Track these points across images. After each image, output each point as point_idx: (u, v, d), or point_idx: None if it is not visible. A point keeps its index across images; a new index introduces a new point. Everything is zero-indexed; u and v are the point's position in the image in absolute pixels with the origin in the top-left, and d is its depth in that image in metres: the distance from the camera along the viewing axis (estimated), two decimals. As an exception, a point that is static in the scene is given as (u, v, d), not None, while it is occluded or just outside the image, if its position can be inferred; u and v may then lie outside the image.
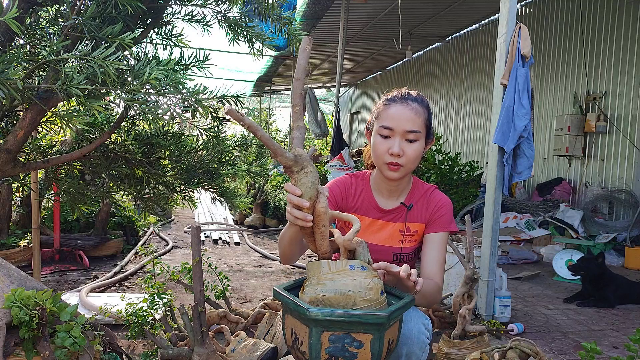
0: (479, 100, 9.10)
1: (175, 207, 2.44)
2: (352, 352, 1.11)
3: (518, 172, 2.92)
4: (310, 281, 1.17)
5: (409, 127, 1.46)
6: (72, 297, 3.05)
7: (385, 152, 1.47)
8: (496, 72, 2.96)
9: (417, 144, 1.48)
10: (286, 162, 1.09)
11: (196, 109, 1.56)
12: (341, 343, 1.10)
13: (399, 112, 1.47)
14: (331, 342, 1.10)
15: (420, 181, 1.68)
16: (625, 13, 6.00)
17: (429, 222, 1.59)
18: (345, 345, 1.10)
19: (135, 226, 5.34)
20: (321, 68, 12.60)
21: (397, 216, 1.60)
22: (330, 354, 1.11)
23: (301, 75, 1.13)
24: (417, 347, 1.39)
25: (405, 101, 1.49)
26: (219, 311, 2.53)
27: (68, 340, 1.30)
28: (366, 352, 1.11)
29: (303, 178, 1.11)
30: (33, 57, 1.46)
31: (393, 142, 1.46)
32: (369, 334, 1.10)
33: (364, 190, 1.63)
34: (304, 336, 1.13)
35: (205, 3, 1.80)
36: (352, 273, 1.15)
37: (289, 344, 1.22)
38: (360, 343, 1.11)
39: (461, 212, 6.18)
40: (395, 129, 1.46)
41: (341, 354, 1.11)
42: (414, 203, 1.59)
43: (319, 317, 1.07)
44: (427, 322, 1.51)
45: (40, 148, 2.02)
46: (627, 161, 5.90)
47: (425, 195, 1.62)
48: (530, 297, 3.68)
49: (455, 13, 8.37)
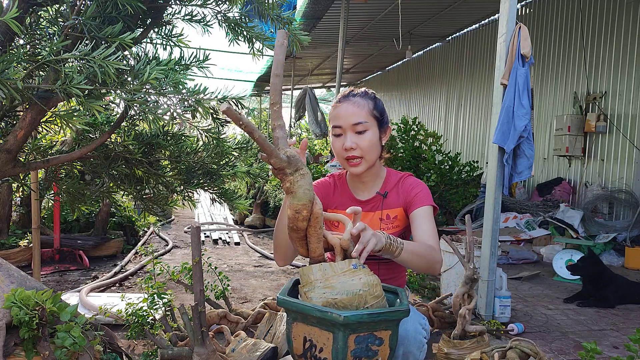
0: (479, 100, 9.10)
1: (175, 208, 2.44)
2: (374, 350, 1.12)
3: (518, 172, 2.92)
4: (314, 285, 1.15)
5: (354, 120, 1.56)
6: (72, 297, 3.05)
7: (341, 148, 1.58)
8: (496, 72, 2.95)
9: (369, 133, 1.57)
10: (280, 164, 1.06)
11: (196, 109, 1.57)
12: (365, 343, 1.11)
13: (343, 109, 1.58)
14: (357, 343, 1.10)
15: (394, 171, 1.75)
16: (625, 13, 6.00)
17: (407, 204, 1.64)
18: (368, 345, 1.11)
19: (135, 226, 5.34)
20: (321, 68, 12.59)
21: (374, 206, 1.67)
22: (355, 355, 1.11)
23: (279, 71, 1.08)
24: (414, 347, 1.41)
25: (347, 99, 1.60)
26: (219, 311, 2.53)
27: (68, 340, 1.30)
28: (385, 348, 1.13)
29: (300, 180, 1.09)
30: (33, 57, 1.46)
31: (345, 138, 1.57)
32: (389, 330, 1.13)
33: (342, 187, 1.74)
34: (325, 342, 1.11)
35: (205, 3, 1.80)
36: (356, 272, 1.15)
37: (298, 353, 1.18)
38: (381, 340, 1.12)
39: (461, 212, 6.18)
40: (343, 126, 1.57)
41: (365, 354, 1.11)
42: (388, 191, 1.68)
43: (349, 321, 1.06)
44: (424, 322, 1.52)
45: (40, 148, 2.02)
46: (627, 161, 5.90)
47: (399, 182, 1.70)
48: (530, 297, 3.68)
49: (455, 13, 8.37)
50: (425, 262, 1.43)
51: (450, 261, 3.33)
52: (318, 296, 1.13)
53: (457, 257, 2.68)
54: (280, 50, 1.08)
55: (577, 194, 6.51)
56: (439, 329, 2.74)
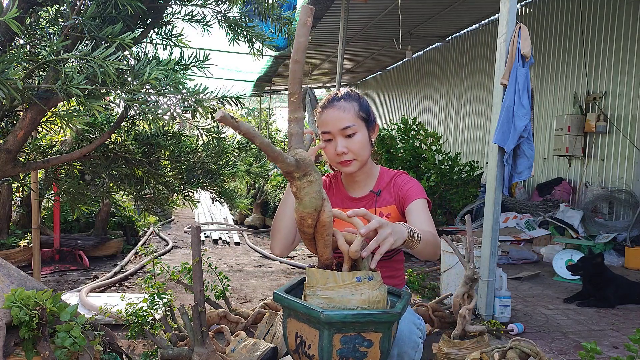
0: (479, 100, 9.09)
1: (175, 207, 2.44)
2: (363, 352, 1.11)
3: (518, 172, 2.92)
4: (314, 291, 1.14)
5: (342, 125, 1.57)
6: (72, 297, 3.05)
7: (333, 153, 1.61)
8: (496, 72, 2.95)
9: (358, 135, 1.59)
10: (287, 168, 0.98)
11: (196, 109, 1.57)
12: (352, 344, 1.10)
13: (329, 115, 1.60)
14: (343, 343, 1.09)
15: (387, 169, 1.77)
16: (625, 13, 5.99)
17: (401, 200, 1.66)
18: (356, 346, 1.10)
19: (135, 226, 5.34)
20: (321, 68, 12.59)
21: (367, 203, 1.70)
22: (342, 355, 1.10)
23: (300, 57, 0.96)
24: (408, 347, 1.41)
25: (332, 104, 1.61)
26: (219, 311, 2.53)
27: (68, 340, 1.30)
28: (375, 351, 1.12)
29: (307, 187, 1.01)
30: (33, 57, 1.46)
31: (335, 143, 1.59)
32: (379, 333, 1.10)
33: (337, 186, 1.78)
34: (313, 339, 1.11)
35: (205, 3, 1.80)
36: (359, 286, 1.12)
37: (292, 349, 1.19)
38: (370, 342, 1.10)
39: (461, 212, 6.18)
40: (332, 131, 1.59)
41: (352, 354, 1.10)
42: (381, 189, 1.70)
43: (333, 320, 1.05)
44: (419, 322, 1.52)
45: (40, 148, 2.02)
46: (627, 161, 5.90)
47: (391, 180, 1.71)
48: (530, 297, 3.68)
49: (455, 13, 8.37)
50: (433, 248, 1.43)
51: (450, 261, 3.33)
52: (315, 304, 1.12)
53: (457, 257, 2.68)
54: (302, 30, 0.96)
55: (577, 194, 6.51)
56: (439, 329, 2.74)
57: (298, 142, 1.02)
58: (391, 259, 1.73)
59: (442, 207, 6.16)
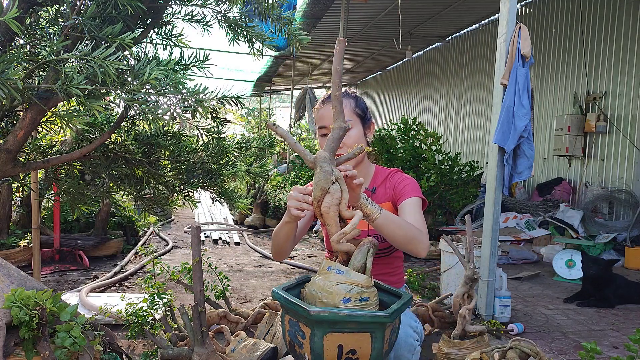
0: (479, 100, 9.09)
1: (175, 207, 2.44)
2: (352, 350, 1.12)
3: (518, 172, 2.92)
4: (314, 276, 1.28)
5: None
6: (72, 297, 3.05)
7: None
8: (496, 72, 2.95)
9: (353, 130, 1.64)
10: (309, 164, 1.25)
11: (196, 109, 1.56)
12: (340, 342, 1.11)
13: (327, 110, 1.65)
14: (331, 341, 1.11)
15: (383, 168, 1.80)
16: (625, 13, 5.99)
17: (395, 197, 1.68)
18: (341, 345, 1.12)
19: (135, 226, 5.34)
20: (321, 68, 12.58)
21: None
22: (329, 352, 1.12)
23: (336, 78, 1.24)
24: (405, 350, 1.42)
25: (329, 100, 1.65)
26: (219, 311, 2.53)
27: (68, 340, 1.30)
28: (365, 351, 1.13)
29: (314, 178, 1.24)
30: (33, 57, 1.46)
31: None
32: (367, 333, 1.12)
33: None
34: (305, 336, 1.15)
35: (205, 3, 1.79)
36: (329, 276, 1.22)
37: (289, 345, 1.25)
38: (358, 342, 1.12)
39: (461, 212, 6.18)
40: (328, 126, 1.62)
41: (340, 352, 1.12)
42: (377, 187, 1.72)
43: (321, 319, 1.09)
44: (416, 325, 1.53)
45: (40, 148, 2.02)
46: (627, 161, 5.90)
47: (387, 178, 1.74)
48: (530, 297, 3.68)
49: (455, 13, 8.37)
50: (404, 235, 1.41)
51: (450, 261, 3.34)
52: (309, 290, 1.24)
53: (457, 257, 2.68)
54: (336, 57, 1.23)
55: (577, 194, 6.51)
56: (439, 329, 2.74)
57: (327, 145, 1.26)
58: (389, 256, 1.73)
59: (442, 207, 6.16)
